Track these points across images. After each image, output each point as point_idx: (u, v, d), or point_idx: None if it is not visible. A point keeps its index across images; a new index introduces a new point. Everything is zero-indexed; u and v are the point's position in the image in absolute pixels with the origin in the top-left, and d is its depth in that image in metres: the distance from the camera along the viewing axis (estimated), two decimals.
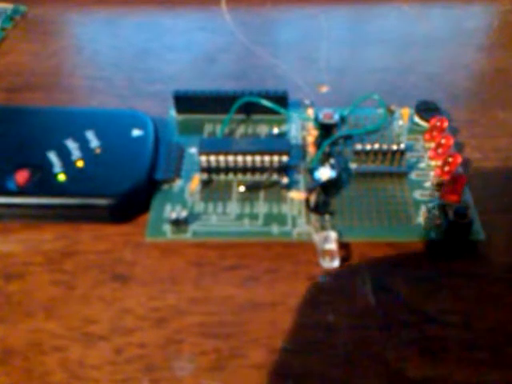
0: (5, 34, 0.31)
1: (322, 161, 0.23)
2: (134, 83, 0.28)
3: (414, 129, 0.25)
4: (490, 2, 0.35)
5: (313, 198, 0.21)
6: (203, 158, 0.22)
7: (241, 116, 0.25)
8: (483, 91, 0.28)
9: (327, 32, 0.32)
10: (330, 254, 0.20)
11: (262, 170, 0.22)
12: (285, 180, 0.22)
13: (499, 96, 0.28)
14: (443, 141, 0.23)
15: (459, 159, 0.22)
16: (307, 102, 0.25)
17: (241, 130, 0.25)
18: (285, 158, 0.22)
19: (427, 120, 0.24)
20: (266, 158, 0.22)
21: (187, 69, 0.29)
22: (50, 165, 0.22)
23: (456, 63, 0.30)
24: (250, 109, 0.25)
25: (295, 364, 0.18)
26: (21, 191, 0.21)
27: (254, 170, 0.22)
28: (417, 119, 0.25)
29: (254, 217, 0.21)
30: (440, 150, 0.23)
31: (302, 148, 0.24)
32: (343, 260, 0.20)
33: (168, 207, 0.22)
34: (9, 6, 0.33)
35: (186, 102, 0.25)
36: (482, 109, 0.27)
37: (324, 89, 0.28)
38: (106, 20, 0.33)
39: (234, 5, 0.34)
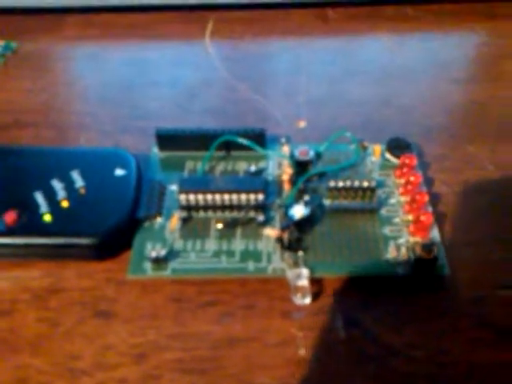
0: None
1: (297, 198, 0.24)
2: (119, 119, 0.29)
3: (385, 165, 0.26)
4: (466, 34, 0.37)
5: (285, 236, 0.22)
6: (182, 197, 0.23)
7: (221, 153, 0.26)
8: (455, 125, 0.30)
9: (306, 65, 0.33)
10: (302, 290, 0.21)
11: (239, 207, 0.23)
12: (261, 217, 0.23)
13: (471, 130, 0.29)
14: (412, 178, 0.24)
15: (426, 198, 0.23)
16: (283, 139, 0.26)
17: (221, 166, 0.26)
18: (260, 196, 0.23)
19: (398, 157, 0.26)
20: (243, 197, 0.23)
21: (170, 104, 0.31)
22: (36, 205, 0.23)
23: (431, 96, 0.31)
24: (230, 146, 0.26)
25: None
26: (9, 231, 0.22)
27: (231, 207, 0.24)
28: (388, 156, 0.26)
29: (230, 254, 0.22)
30: (409, 187, 0.24)
31: (278, 185, 0.25)
32: (315, 295, 0.21)
33: (149, 245, 0.23)
34: (0, 43, 0.34)
35: (168, 139, 0.26)
36: (452, 143, 0.28)
37: (302, 124, 0.29)
38: (94, 55, 0.34)
39: (218, 38, 0.35)
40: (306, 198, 0.24)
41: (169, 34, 0.36)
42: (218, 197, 0.23)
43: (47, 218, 0.22)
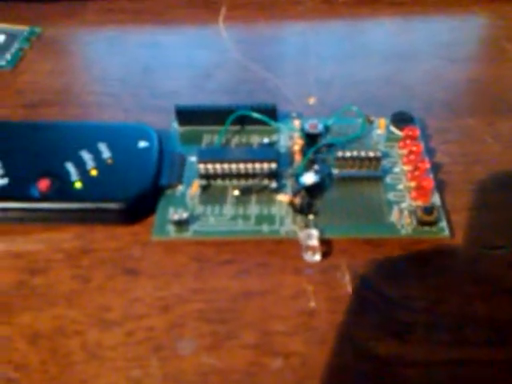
0: (22, 54, 0.34)
1: (307, 167, 0.26)
2: (139, 98, 0.31)
3: (390, 137, 0.28)
4: (467, 16, 0.38)
5: (297, 201, 0.24)
6: (202, 166, 0.25)
7: (236, 127, 0.28)
8: (456, 101, 0.31)
9: (315, 47, 0.35)
10: (312, 249, 0.23)
11: (254, 175, 0.25)
12: (274, 184, 0.25)
13: (471, 105, 0.31)
14: (414, 148, 0.26)
15: (427, 165, 0.25)
16: (294, 114, 0.28)
17: (236, 139, 0.28)
18: (273, 165, 0.25)
19: (401, 129, 0.27)
20: (257, 165, 0.25)
21: (187, 84, 0.32)
22: (67, 174, 0.25)
23: (433, 75, 0.33)
24: (244, 121, 0.28)
25: (282, 344, 0.21)
26: (43, 198, 0.24)
27: (246, 175, 0.25)
28: (392, 128, 0.28)
29: (246, 217, 0.24)
30: (412, 157, 0.26)
31: (290, 155, 0.27)
32: (325, 254, 0.23)
33: (171, 210, 0.25)
34: (25, 28, 0.36)
35: (186, 115, 0.28)
36: (453, 117, 0.30)
37: (312, 101, 0.31)
38: (114, 38, 0.36)
39: (231, 22, 0.37)
40: (316, 167, 0.26)
41: (185, 19, 0.38)
42: (234, 166, 0.25)
43: (78, 185, 0.24)
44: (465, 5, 0.38)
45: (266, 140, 0.27)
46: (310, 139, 0.27)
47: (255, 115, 0.27)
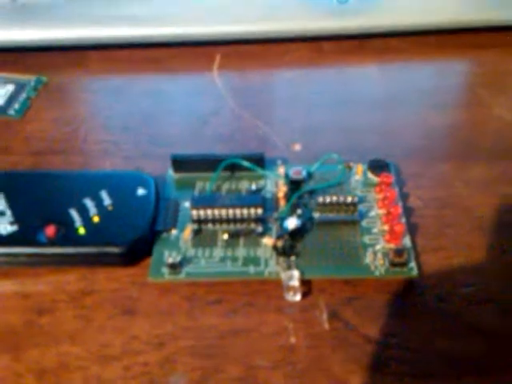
0: (30, 103, 0.37)
1: (291, 211, 0.28)
2: (139, 146, 0.34)
3: (367, 182, 0.30)
4: (447, 63, 0.41)
5: (280, 244, 0.26)
6: (194, 212, 0.28)
7: (226, 174, 0.31)
8: (432, 147, 0.33)
9: (303, 95, 0.38)
10: (293, 289, 0.25)
11: (242, 220, 0.28)
12: (259, 228, 0.28)
13: (445, 150, 0.33)
14: (388, 194, 0.28)
15: (399, 210, 0.27)
16: (279, 162, 0.31)
17: (226, 185, 0.30)
18: (259, 211, 0.27)
19: (378, 175, 0.30)
20: (245, 211, 0.28)
21: (185, 131, 0.35)
22: (71, 220, 0.27)
23: (412, 121, 0.35)
24: (234, 168, 0.31)
25: (265, 377, 0.23)
26: (50, 243, 0.26)
27: (235, 220, 0.28)
28: (369, 175, 0.30)
29: (234, 259, 0.27)
30: (386, 202, 0.28)
31: (275, 201, 0.29)
32: (305, 294, 0.26)
33: (166, 252, 0.27)
34: (32, 78, 0.39)
35: (181, 163, 0.31)
36: (428, 163, 0.32)
37: (297, 147, 0.33)
38: (116, 87, 0.39)
39: (224, 71, 0.40)
40: (299, 211, 0.28)
41: (181, 68, 0.40)
42: (223, 211, 0.28)
43: (81, 231, 0.27)
44: (446, 52, 0.41)
45: (253, 186, 0.30)
46: (294, 185, 0.30)
47: (244, 163, 0.30)
